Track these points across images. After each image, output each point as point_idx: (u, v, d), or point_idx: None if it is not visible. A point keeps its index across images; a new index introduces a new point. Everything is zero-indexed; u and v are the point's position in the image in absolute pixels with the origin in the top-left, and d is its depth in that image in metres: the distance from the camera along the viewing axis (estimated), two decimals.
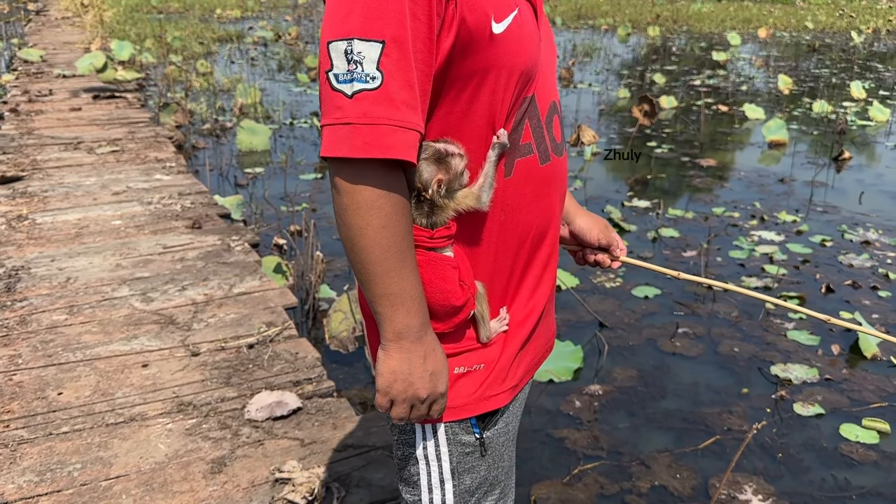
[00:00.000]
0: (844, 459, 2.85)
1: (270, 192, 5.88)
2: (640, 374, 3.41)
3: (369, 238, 1.00)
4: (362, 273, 1.03)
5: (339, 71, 0.97)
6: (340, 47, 0.97)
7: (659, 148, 7.62)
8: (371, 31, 0.96)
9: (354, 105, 0.96)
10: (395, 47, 0.96)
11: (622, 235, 5.09)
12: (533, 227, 1.18)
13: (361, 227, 1.00)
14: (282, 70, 12.50)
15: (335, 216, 1.03)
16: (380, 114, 0.96)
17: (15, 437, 2.37)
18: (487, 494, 1.25)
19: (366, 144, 0.96)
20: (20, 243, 3.96)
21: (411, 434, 1.19)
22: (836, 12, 26.07)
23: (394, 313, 1.04)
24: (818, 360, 3.53)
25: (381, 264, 1.01)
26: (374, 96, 0.96)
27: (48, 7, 22.06)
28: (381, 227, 1.00)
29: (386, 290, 1.03)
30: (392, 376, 1.06)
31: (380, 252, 1.01)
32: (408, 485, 1.23)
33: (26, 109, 7.42)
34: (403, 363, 1.06)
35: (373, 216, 0.99)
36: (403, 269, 1.03)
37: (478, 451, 1.20)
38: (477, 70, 1.05)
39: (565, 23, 21.88)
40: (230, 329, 3.09)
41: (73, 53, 11.57)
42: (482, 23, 1.03)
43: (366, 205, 0.99)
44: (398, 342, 1.05)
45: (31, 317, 3.16)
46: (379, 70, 0.96)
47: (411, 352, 1.06)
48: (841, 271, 4.54)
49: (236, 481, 2.20)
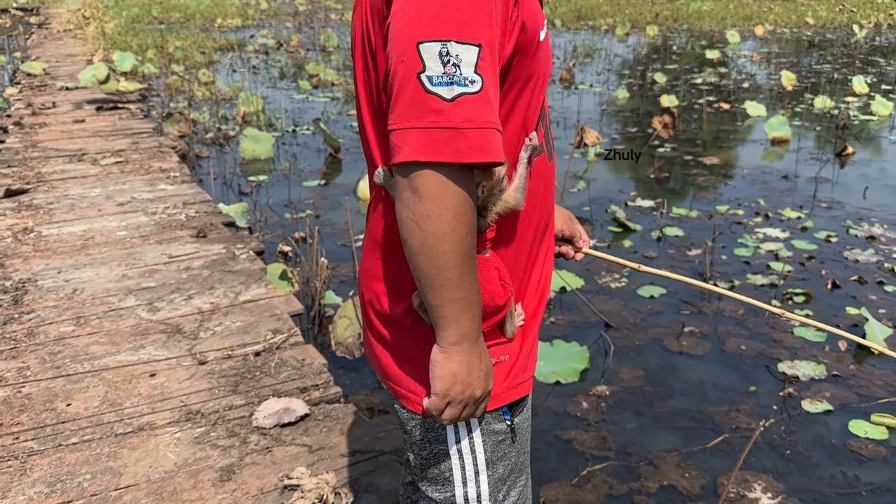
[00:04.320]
0: (853, 456, 2.84)
1: (274, 199, 5.90)
2: (647, 373, 3.40)
3: (453, 243, 0.99)
4: (437, 279, 1.01)
5: (433, 73, 0.94)
6: (434, 49, 0.94)
7: (661, 147, 7.62)
8: (467, 34, 0.95)
9: (456, 109, 0.94)
10: (488, 51, 0.96)
11: (627, 235, 5.09)
12: (541, 221, 1.22)
13: (446, 232, 0.98)
14: (283, 78, 12.54)
15: (406, 222, 0.99)
16: (483, 118, 0.95)
17: (25, 449, 2.38)
18: (517, 481, 1.27)
19: (471, 149, 0.95)
20: (26, 256, 3.98)
21: (440, 431, 1.20)
22: (836, 7, 26.03)
23: (462, 317, 1.04)
24: (825, 357, 3.52)
25: (460, 269, 1.01)
26: (476, 100, 0.95)
27: (50, 20, 22.16)
28: (465, 232, 0.99)
29: (458, 295, 1.02)
30: (452, 378, 1.07)
31: (461, 257, 1.00)
32: (436, 483, 1.23)
33: (30, 122, 7.46)
34: (464, 365, 1.07)
35: (459, 221, 0.98)
36: (473, 273, 1.03)
37: (509, 438, 1.23)
38: (523, 76, 1.07)
39: (565, 24, 21.89)
40: (237, 337, 3.10)
41: (76, 66, 11.62)
42: (534, 30, 1.06)
43: (453, 210, 0.97)
44: (460, 344, 1.06)
45: (39, 329, 3.17)
46: (478, 74, 0.95)
47: (471, 353, 1.07)
48: (846, 267, 4.54)
49: (245, 489, 2.21)
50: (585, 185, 6.29)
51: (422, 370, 1.16)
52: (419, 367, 1.17)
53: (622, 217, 5.23)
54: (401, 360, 1.20)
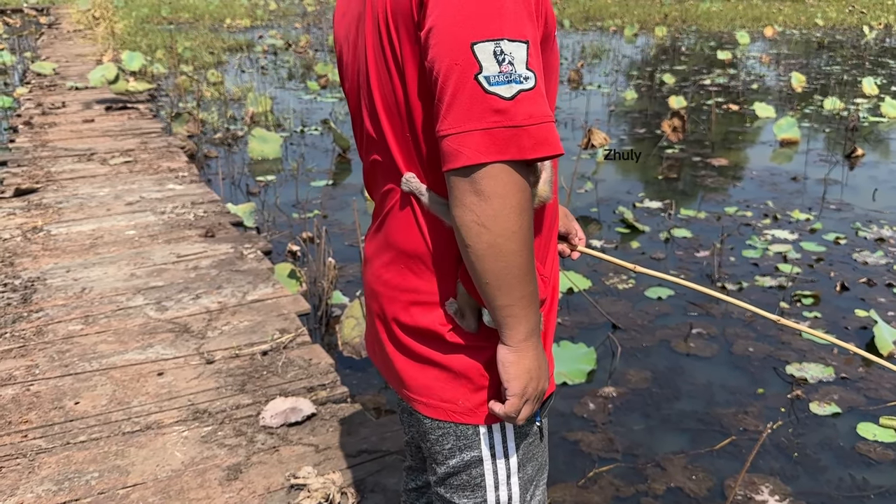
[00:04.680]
0: (862, 458, 2.83)
1: (282, 199, 5.91)
2: (654, 375, 3.40)
3: (520, 240, 0.98)
4: (506, 278, 1.00)
5: (490, 73, 0.93)
6: (489, 48, 0.94)
7: (670, 148, 7.60)
8: (517, 31, 0.95)
9: (517, 106, 0.94)
10: (534, 47, 0.97)
11: (635, 236, 5.08)
12: (554, 216, 1.22)
13: (514, 230, 0.97)
14: (292, 78, 12.56)
15: (471, 225, 0.97)
16: (542, 112, 0.96)
17: (33, 447, 2.39)
18: (541, 478, 1.28)
19: (536, 145, 0.95)
20: (36, 255, 4.00)
21: (474, 438, 1.18)
22: (846, 8, 25.92)
23: (529, 312, 1.04)
24: (834, 359, 3.51)
25: (527, 265, 1.01)
26: (533, 96, 0.95)
27: (60, 20, 22.27)
28: (529, 227, 0.99)
29: (525, 291, 1.02)
30: (528, 375, 1.07)
31: (528, 253, 1.00)
32: (465, 490, 1.21)
33: (40, 122, 7.49)
34: (535, 360, 1.07)
35: (524, 217, 0.98)
36: (534, 267, 1.03)
37: (537, 438, 1.23)
38: (545, 69, 1.07)
39: (573, 25, 21.87)
40: (244, 336, 3.11)
41: (85, 66, 11.68)
42: (552, 25, 1.07)
43: (519, 207, 0.97)
44: (529, 340, 1.06)
45: (48, 327, 3.19)
46: (530, 70, 0.95)
47: (538, 348, 1.08)
48: (855, 269, 4.52)
49: (252, 488, 2.21)
50: (593, 185, 6.28)
51: (456, 378, 1.15)
52: (453, 376, 1.15)
53: (630, 218, 5.22)
54: (430, 371, 1.17)
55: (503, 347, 1.07)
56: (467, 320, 1.12)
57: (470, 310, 1.11)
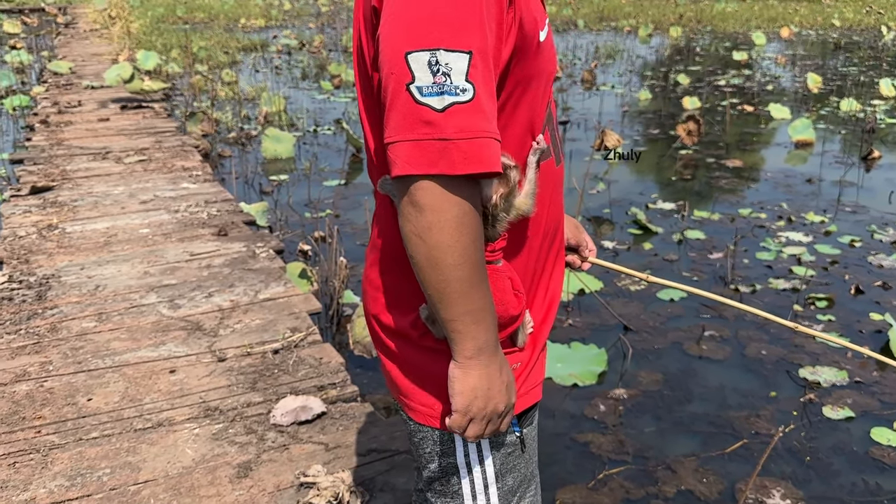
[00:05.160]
0: (875, 463, 2.80)
1: (295, 199, 5.93)
2: (666, 377, 3.38)
3: (458, 255, 0.96)
4: (445, 292, 0.98)
5: (423, 83, 0.91)
6: (423, 58, 0.91)
7: (684, 149, 7.56)
8: (457, 41, 0.92)
9: (447, 119, 0.91)
10: (479, 58, 0.93)
11: (648, 238, 5.06)
12: (549, 227, 1.20)
13: (450, 244, 0.95)
14: (305, 78, 12.60)
15: (410, 235, 0.97)
16: (477, 127, 0.92)
17: (46, 443, 2.41)
18: (526, 491, 1.25)
19: (465, 160, 0.92)
20: (50, 252, 4.03)
21: (450, 443, 1.18)
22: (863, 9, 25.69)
23: (476, 329, 1.01)
24: (847, 363, 3.48)
25: (468, 280, 0.98)
26: (468, 109, 0.92)
27: (77, 20, 22.45)
28: (469, 242, 0.96)
29: (470, 307, 0.99)
30: (472, 393, 1.04)
31: (469, 268, 0.97)
32: (445, 496, 1.21)
33: (56, 121, 7.56)
34: (483, 379, 1.03)
35: (462, 232, 0.95)
36: (483, 284, 1.00)
37: (518, 450, 1.21)
38: (524, 77, 1.04)
39: (587, 25, 21.81)
40: (256, 335, 3.12)
41: (101, 65, 11.76)
42: (533, 31, 1.03)
43: (455, 221, 0.95)
44: (478, 358, 1.03)
45: (62, 324, 3.21)
46: (469, 82, 0.92)
47: (489, 366, 1.04)
48: (871, 272, 4.48)
49: (262, 486, 2.22)
50: (605, 186, 6.26)
51: (430, 382, 1.14)
52: (427, 379, 1.15)
53: (643, 219, 5.19)
54: (408, 373, 1.17)
55: (452, 361, 1.05)
56: (437, 327, 1.11)
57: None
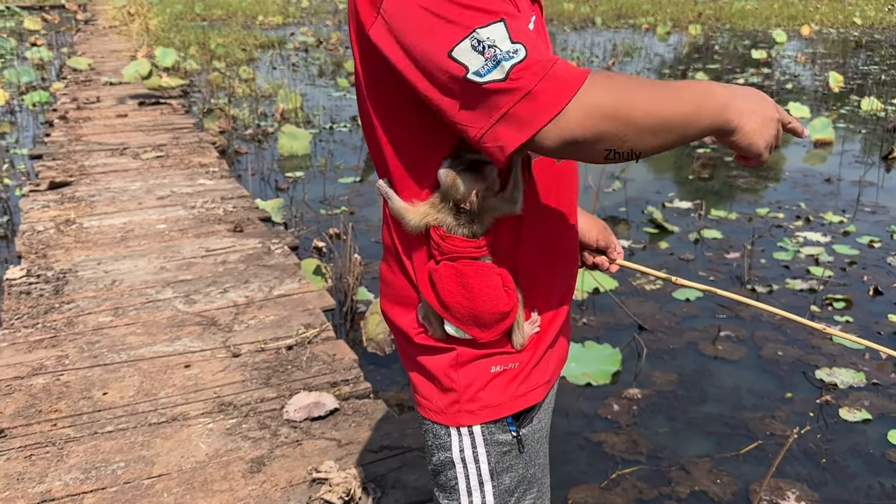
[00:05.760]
0: (892, 466, 2.77)
1: (310, 195, 5.95)
2: (681, 377, 3.36)
3: (646, 101, 0.95)
4: (673, 121, 0.97)
5: (477, 67, 0.91)
6: (465, 46, 0.91)
7: (701, 148, 7.51)
8: (485, 17, 0.91)
9: (517, 80, 0.90)
10: (511, 20, 0.93)
11: (664, 237, 5.03)
12: (555, 225, 1.19)
13: (636, 105, 0.94)
14: (322, 75, 12.64)
15: (625, 137, 0.95)
16: (544, 66, 0.91)
17: (62, 436, 2.43)
18: (526, 493, 1.25)
19: (564, 84, 0.91)
20: (68, 247, 4.07)
21: (446, 438, 1.19)
22: (885, 7, 25.38)
23: (710, 103, 0.99)
24: (865, 364, 3.44)
25: (668, 99, 0.97)
26: (528, 62, 0.91)
27: (96, 17, 22.64)
28: (636, 90, 0.96)
29: (690, 105, 0.98)
30: (753, 124, 1.03)
31: (658, 96, 0.97)
32: (444, 490, 1.23)
33: (75, 116, 7.62)
34: (752, 102, 1.03)
35: (626, 92, 0.94)
36: (675, 89, 0.99)
37: (515, 450, 1.21)
38: None
39: (605, 22, 21.70)
40: (270, 331, 3.13)
41: (120, 61, 11.85)
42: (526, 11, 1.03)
43: (615, 96, 0.93)
44: (733, 110, 1.01)
45: (78, 319, 3.24)
46: (515, 42, 0.91)
47: (743, 98, 1.03)
48: (890, 273, 4.42)
49: (275, 481, 2.23)
50: (621, 185, 6.23)
51: (428, 377, 1.18)
52: (427, 375, 1.19)
53: (659, 218, 5.16)
54: (412, 367, 1.22)
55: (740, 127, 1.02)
56: (433, 327, 1.14)
57: (434, 317, 1.13)
